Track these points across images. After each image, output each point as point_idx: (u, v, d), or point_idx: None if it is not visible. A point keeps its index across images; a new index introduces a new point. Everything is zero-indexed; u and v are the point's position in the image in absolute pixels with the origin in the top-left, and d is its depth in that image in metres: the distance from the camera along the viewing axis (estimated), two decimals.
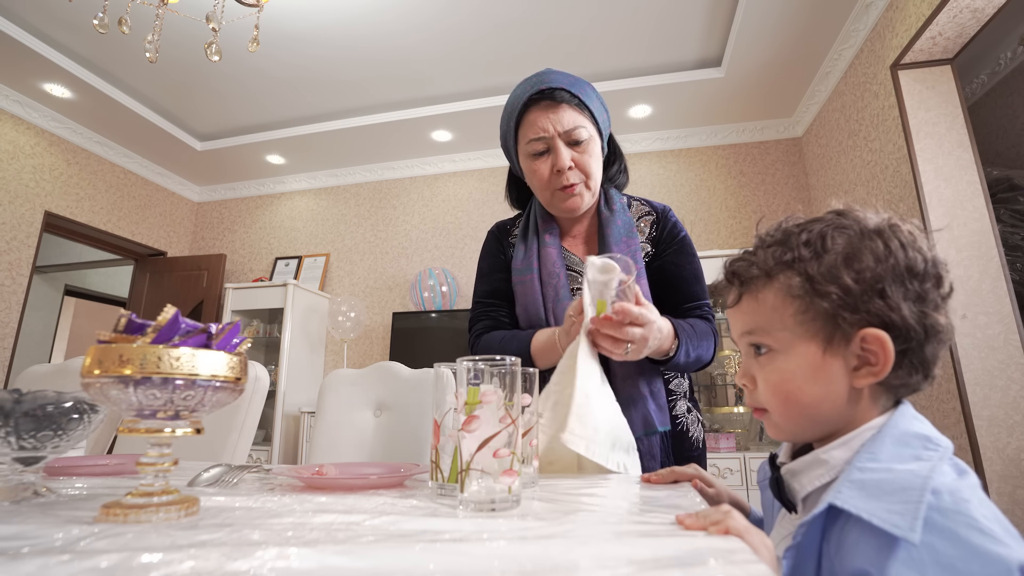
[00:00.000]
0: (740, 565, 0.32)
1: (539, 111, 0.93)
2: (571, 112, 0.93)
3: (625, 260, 0.78)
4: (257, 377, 1.26)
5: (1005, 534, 0.38)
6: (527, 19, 2.76)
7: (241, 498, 0.57)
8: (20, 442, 0.57)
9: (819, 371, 0.48)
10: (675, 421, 0.98)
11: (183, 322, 0.49)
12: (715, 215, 3.62)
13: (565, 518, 0.46)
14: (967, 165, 2.16)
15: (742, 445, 2.91)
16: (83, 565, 0.32)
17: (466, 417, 0.52)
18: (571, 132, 0.92)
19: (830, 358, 0.48)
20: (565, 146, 0.93)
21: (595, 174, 0.96)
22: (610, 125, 1.03)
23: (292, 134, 3.76)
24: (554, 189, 0.96)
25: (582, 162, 0.94)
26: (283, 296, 3.63)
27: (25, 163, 3.35)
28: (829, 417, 0.49)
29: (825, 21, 2.67)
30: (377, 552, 0.36)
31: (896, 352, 0.46)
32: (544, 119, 0.93)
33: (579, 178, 0.95)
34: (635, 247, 0.97)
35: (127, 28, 1.80)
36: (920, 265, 0.48)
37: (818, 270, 0.48)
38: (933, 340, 0.48)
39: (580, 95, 0.93)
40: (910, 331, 0.46)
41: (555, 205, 0.99)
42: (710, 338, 0.95)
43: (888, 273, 0.47)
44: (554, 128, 0.92)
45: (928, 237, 0.51)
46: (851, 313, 0.47)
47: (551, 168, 0.94)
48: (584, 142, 0.93)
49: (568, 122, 0.92)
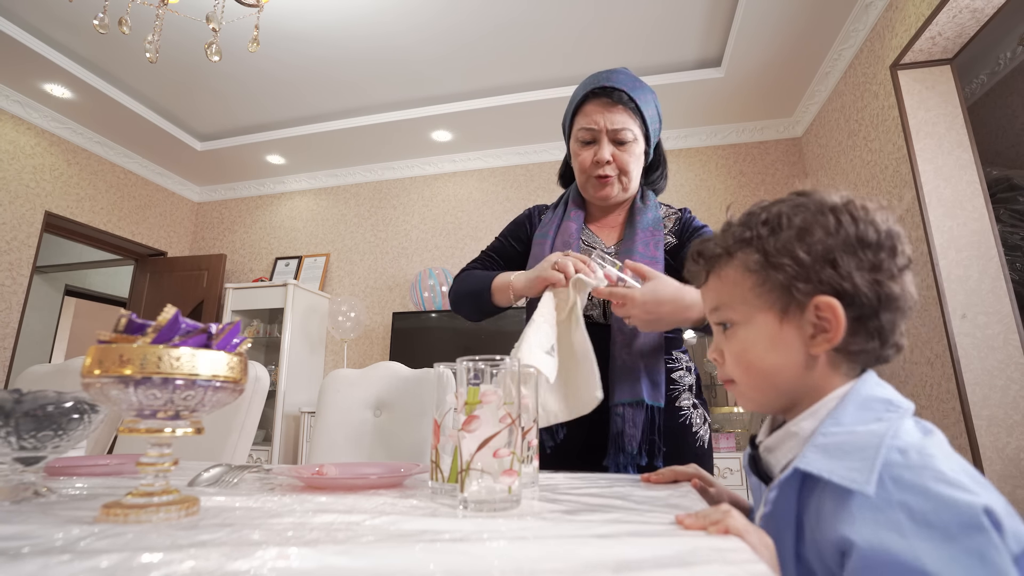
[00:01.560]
0: (740, 565, 0.32)
1: (596, 105, 1.01)
2: (623, 114, 1.00)
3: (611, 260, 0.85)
4: (257, 377, 1.26)
5: (972, 483, 0.40)
6: (527, 19, 2.76)
7: (241, 498, 0.57)
8: (20, 442, 0.57)
9: (777, 339, 0.51)
10: (679, 413, 0.99)
11: (183, 322, 0.49)
12: (715, 215, 3.62)
13: (565, 518, 0.46)
14: (967, 165, 2.16)
15: (742, 445, 2.91)
16: (83, 565, 0.32)
17: (466, 417, 0.52)
18: (618, 131, 1.00)
19: (787, 327, 0.51)
20: (610, 142, 1.01)
21: (632, 172, 1.03)
22: (660, 132, 1.10)
23: (292, 134, 3.76)
24: (590, 176, 1.04)
25: (621, 159, 1.02)
26: (283, 296, 3.63)
27: (25, 163, 3.35)
28: (790, 384, 0.52)
29: (825, 21, 2.67)
30: (377, 552, 0.36)
31: (851, 319, 0.48)
32: (598, 113, 1.01)
33: (615, 172, 1.02)
34: (659, 237, 1.03)
35: (127, 28, 1.80)
36: (872, 236, 0.50)
37: (774, 245, 0.50)
38: (889, 308, 0.49)
39: (637, 100, 1.00)
40: (862, 298, 0.48)
41: (588, 190, 1.07)
42: None
43: (839, 245, 0.49)
44: (604, 124, 1.00)
45: (891, 212, 0.52)
46: (804, 283, 0.49)
47: (592, 157, 1.02)
48: (628, 143, 1.01)
49: (618, 122, 1.00)
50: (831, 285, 0.48)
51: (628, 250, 1.02)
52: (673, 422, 0.98)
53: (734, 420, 3.09)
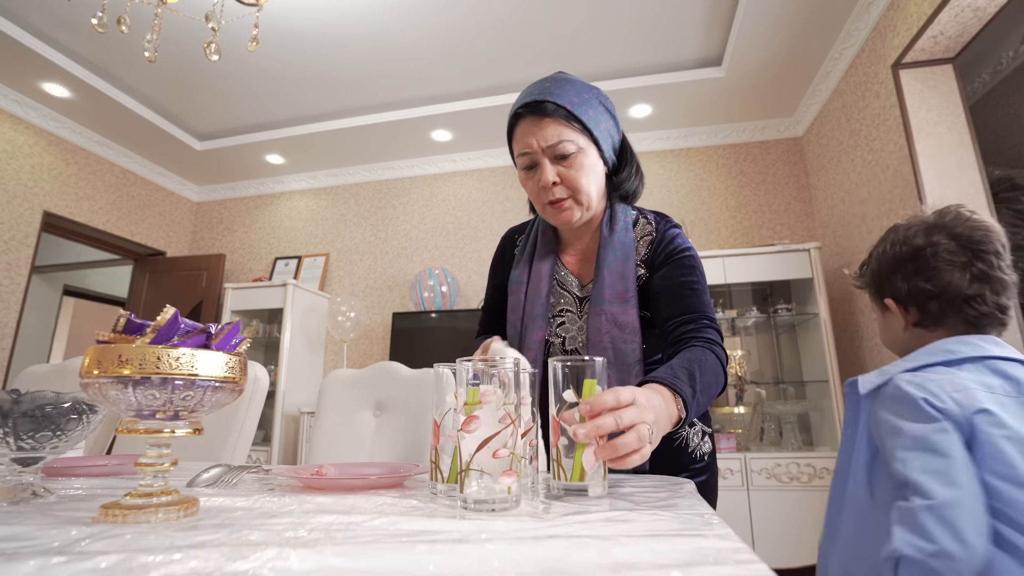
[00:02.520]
0: (740, 565, 0.32)
1: (526, 125, 0.91)
2: (556, 126, 0.88)
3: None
4: (257, 377, 1.26)
5: (940, 396, 0.72)
6: (526, 17, 2.76)
7: (241, 498, 0.57)
8: (19, 442, 0.57)
9: (885, 323, 0.94)
10: (673, 437, 0.94)
11: (182, 322, 0.48)
12: (715, 215, 3.62)
13: (564, 518, 0.46)
14: (968, 165, 2.16)
15: (742, 445, 2.91)
16: (82, 566, 0.32)
17: (466, 417, 0.52)
18: (555, 147, 0.89)
19: (889, 316, 0.92)
20: (551, 161, 0.90)
21: (585, 188, 0.92)
22: (618, 132, 0.99)
23: (292, 134, 3.76)
24: (544, 203, 0.94)
25: (568, 177, 0.91)
26: (283, 296, 3.63)
27: (24, 163, 3.35)
28: (897, 343, 0.93)
29: (826, 20, 2.67)
30: (377, 552, 0.36)
31: (912, 308, 0.87)
32: (529, 134, 0.90)
33: (566, 193, 0.92)
34: (629, 273, 0.94)
35: (126, 27, 1.79)
36: (908, 254, 0.87)
37: (871, 270, 0.96)
38: (936, 298, 0.83)
39: (568, 106, 0.88)
40: (908, 297, 0.87)
41: (548, 218, 0.98)
42: (716, 363, 0.82)
43: (886, 265, 0.91)
44: (537, 144, 0.89)
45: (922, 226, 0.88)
46: (878, 292, 0.94)
47: (538, 183, 0.92)
48: (571, 155, 0.89)
49: (552, 136, 0.88)
50: (890, 291, 0.91)
51: (597, 298, 0.93)
52: (667, 447, 0.93)
53: (734, 420, 3.09)
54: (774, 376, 3.25)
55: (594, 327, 0.92)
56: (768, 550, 2.53)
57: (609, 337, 0.90)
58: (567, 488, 0.57)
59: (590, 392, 0.59)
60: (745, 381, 3.09)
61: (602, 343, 0.90)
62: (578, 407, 0.57)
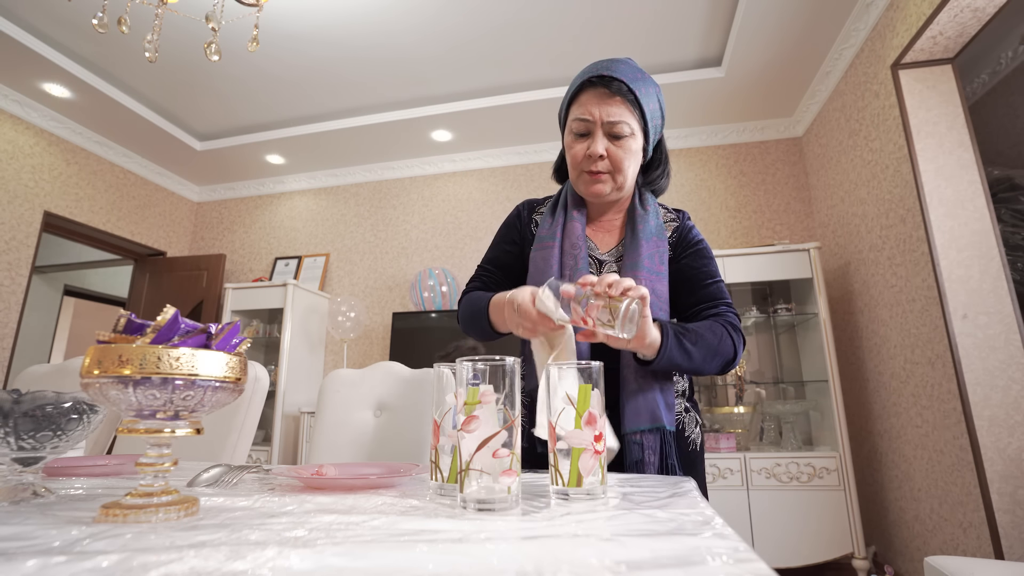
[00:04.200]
0: (740, 564, 0.32)
1: (593, 95, 0.95)
2: (621, 106, 0.94)
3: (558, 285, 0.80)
4: (257, 377, 1.26)
5: None
6: (526, 18, 2.76)
7: (241, 498, 0.57)
8: (19, 442, 0.57)
9: None
10: (674, 419, 0.97)
11: (183, 322, 0.49)
12: (715, 215, 3.62)
13: (564, 518, 0.46)
14: (968, 165, 2.16)
15: (742, 445, 2.91)
16: (82, 566, 0.32)
17: (465, 417, 0.52)
18: (614, 125, 0.94)
19: None
20: (604, 135, 0.95)
21: (626, 169, 0.97)
22: (662, 129, 1.04)
23: (292, 134, 3.76)
24: (582, 171, 0.99)
25: (615, 155, 0.96)
26: (283, 296, 3.63)
27: (24, 163, 3.35)
28: None
29: (825, 21, 2.67)
30: (377, 552, 0.36)
31: None
32: (594, 104, 0.95)
33: (607, 167, 0.97)
34: (663, 248, 0.99)
35: (126, 28, 1.79)
36: None
37: None
38: None
39: (637, 92, 0.94)
40: None
41: (579, 185, 1.01)
42: (724, 334, 0.92)
43: None
44: (599, 115, 0.94)
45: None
46: None
47: (585, 151, 0.97)
48: (624, 138, 0.95)
49: (615, 114, 0.94)
50: None
51: (633, 263, 0.97)
52: None
53: (734, 420, 3.09)
54: (774, 376, 3.25)
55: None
56: (768, 550, 2.53)
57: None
58: (564, 493, 0.57)
59: (585, 397, 0.58)
60: (745, 381, 3.09)
61: None
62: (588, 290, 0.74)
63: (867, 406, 2.82)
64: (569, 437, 0.57)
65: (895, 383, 2.51)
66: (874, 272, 2.66)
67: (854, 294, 2.90)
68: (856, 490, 2.58)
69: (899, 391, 2.47)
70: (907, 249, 2.32)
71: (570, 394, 0.59)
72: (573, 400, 0.58)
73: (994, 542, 1.84)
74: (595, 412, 0.58)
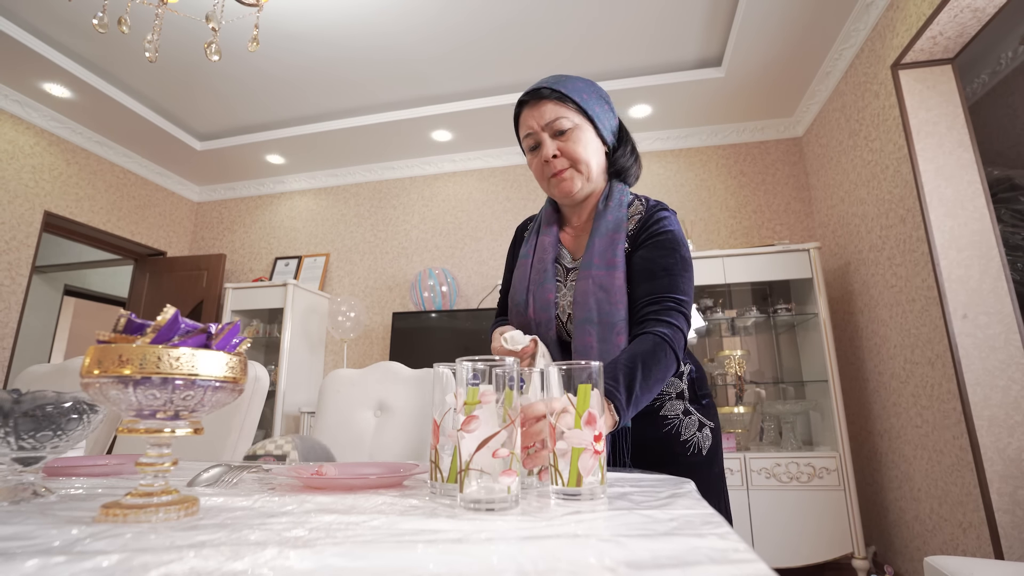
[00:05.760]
0: (740, 565, 0.32)
1: (527, 111, 1.02)
2: (552, 106, 0.99)
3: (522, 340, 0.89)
4: (257, 377, 1.26)
5: None
6: (527, 19, 2.76)
7: (241, 498, 0.57)
8: (19, 442, 0.57)
9: None
10: (663, 423, 0.96)
11: (183, 322, 0.49)
12: (715, 215, 3.62)
13: (564, 518, 0.46)
14: (968, 165, 2.16)
15: (742, 445, 2.91)
16: (82, 565, 0.32)
17: (465, 417, 0.52)
18: (553, 124, 0.98)
19: None
20: (550, 138, 0.99)
21: (584, 159, 0.99)
22: (614, 117, 1.07)
23: (292, 134, 3.76)
24: (547, 177, 1.02)
25: (567, 149, 0.99)
26: (283, 296, 3.63)
27: (24, 163, 3.35)
28: None
29: (825, 21, 2.67)
30: (377, 552, 0.36)
31: None
32: (530, 117, 1.01)
33: (566, 164, 1.00)
34: (619, 240, 0.98)
35: (127, 28, 1.79)
36: None
37: None
38: None
39: (561, 89, 0.99)
40: None
41: (553, 192, 1.05)
42: (665, 355, 0.84)
43: None
44: (537, 123, 0.99)
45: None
46: None
47: (540, 159, 1.01)
48: (568, 131, 0.99)
49: (549, 114, 0.98)
50: None
51: (586, 263, 0.97)
52: (656, 432, 0.95)
53: (734, 420, 3.09)
54: (774, 376, 3.25)
55: (581, 290, 0.96)
56: (768, 549, 2.53)
57: (595, 299, 0.94)
58: (565, 494, 0.57)
59: (585, 396, 0.58)
60: (745, 381, 3.09)
61: (587, 305, 0.94)
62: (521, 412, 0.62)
63: (867, 406, 2.82)
64: (569, 437, 0.57)
65: (895, 383, 2.51)
66: (874, 272, 2.66)
67: (854, 294, 2.90)
68: (856, 490, 2.58)
69: (899, 391, 2.47)
70: (907, 249, 2.32)
71: (570, 397, 0.59)
72: (573, 401, 0.59)
73: (994, 542, 1.84)
74: (595, 412, 0.58)
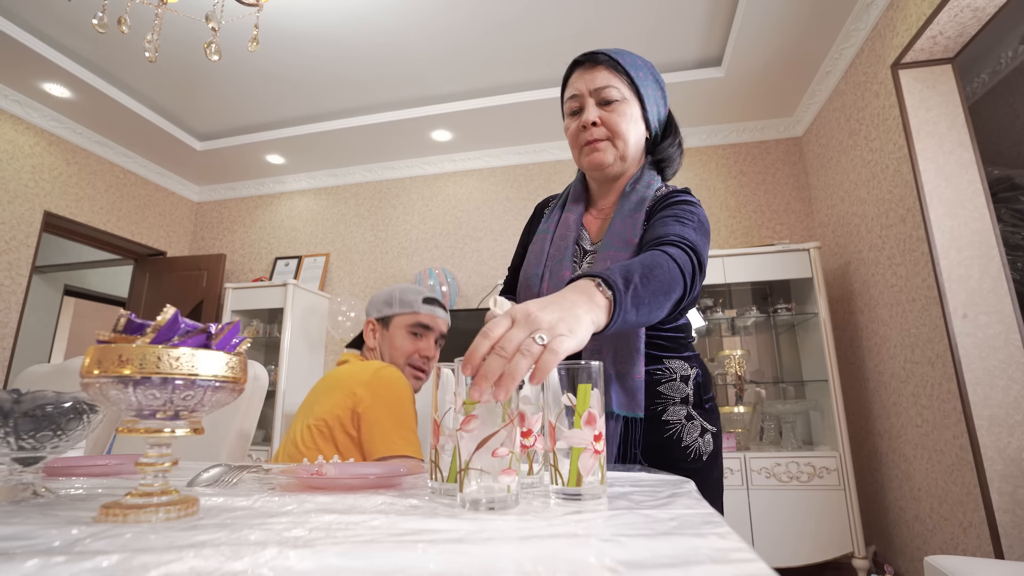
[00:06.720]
0: (740, 565, 0.32)
1: (578, 73, 0.99)
2: (605, 73, 0.96)
3: None
4: (256, 377, 1.26)
5: None
6: (527, 18, 2.76)
7: (241, 498, 0.57)
8: (19, 442, 0.57)
9: None
10: (665, 428, 0.93)
11: (183, 322, 0.49)
12: (715, 215, 3.62)
13: (565, 518, 0.46)
14: (968, 164, 2.16)
15: (742, 444, 2.91)
16: (82, 566, 0.32)
17: (465, 417, 0.52)
18: (601, 91, 0.96)
19: None
20: (595, 104, 0.96)
21: (623, 133, 0.96)
22: (664, 104, 1.04)
23: (292, 134, 3.76)
24: (581, 144, 0.99)
25: (609, 120, 0.96)
26: (283, 296, 3.63)
27: (24, 163, 3.35)
28: None
29: (825, 20, 2.67)
30: (376, 552, 0.36)
31: None
32: (580, 79, 0.98)
33: (604, 134, 0.96)
34: (638, 220, 0.94)
35: (126, 28, 1.79)
36: None
37: None
38: None
39: (619, 59, 0.96)
40: None
41: (582, 161, 1.01)
42: (667, 261, 0.72)
43: None
44: (586, 87, 0.97)
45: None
46: None
47: (579, 124, 0.97)
48: (615, 102, 0.96)
49: (600, 81, 0.96)
50: None
51: (605, 246, 0.93)
52: (657, 437, 0.92)
53: (734, 420, 3.09)
54: (774, 376, 3.25)
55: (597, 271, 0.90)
56: (768, 549, 2.53)
57: None
58: (564, 493, 0.57)
59: (585, 397, 0.58)
60: (745, 381, 3.09)
61: None
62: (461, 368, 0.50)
63: (867, 406, 2.82)
64: (569, 437, 0.57)
65: (895, 383, 2.51)
66: (874, 272, 2.66)
67: (854, 294, 2.90)
68: (856, 490, 2.58)
69: (899, 391, 2.47)
70: (907, 249, 2.32)
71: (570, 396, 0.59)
72: (573, 400, 0.58)
73: (994, 542, 1.84)
74: (595, 412, 0.58)
